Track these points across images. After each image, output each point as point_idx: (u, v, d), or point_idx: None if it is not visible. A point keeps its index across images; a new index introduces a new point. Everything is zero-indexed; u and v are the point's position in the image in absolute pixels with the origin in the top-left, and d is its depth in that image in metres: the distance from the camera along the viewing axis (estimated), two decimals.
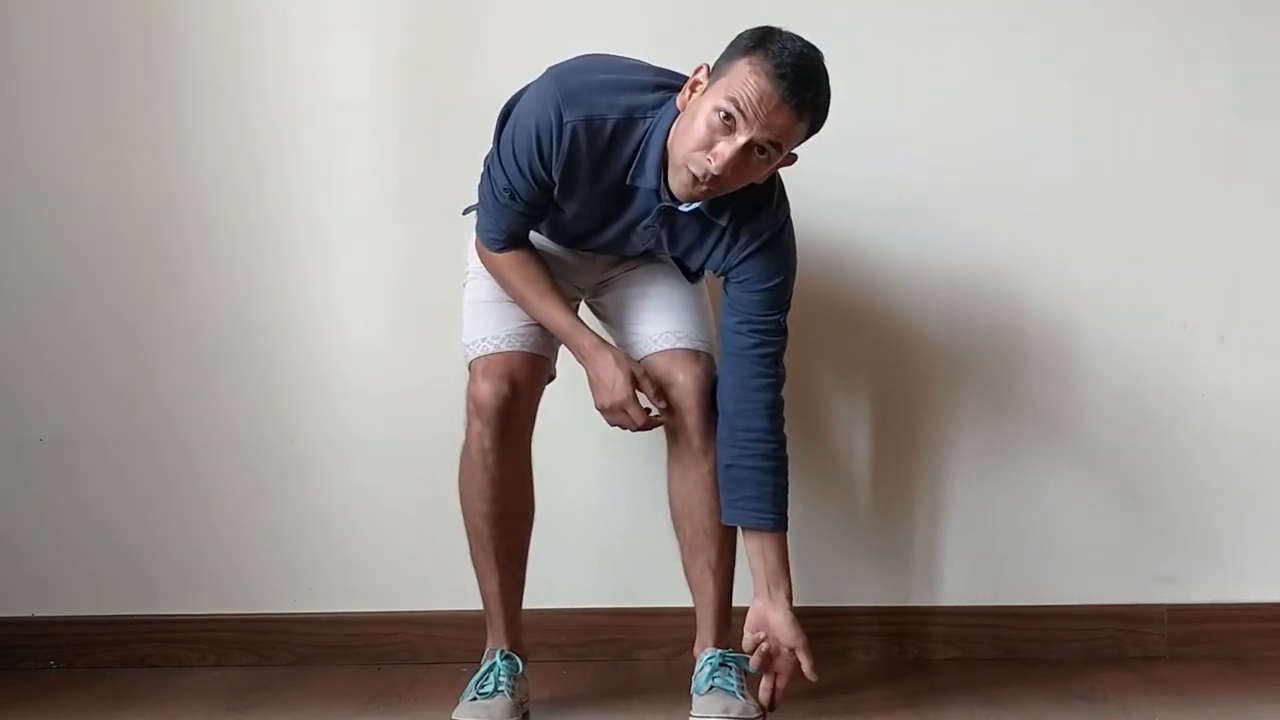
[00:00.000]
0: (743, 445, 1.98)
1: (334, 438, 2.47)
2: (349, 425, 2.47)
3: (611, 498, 2.46)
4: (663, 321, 2.07)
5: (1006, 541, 2.46)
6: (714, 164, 1.78)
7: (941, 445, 2.47)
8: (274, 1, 2.48)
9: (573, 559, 2.43)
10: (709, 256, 1.98)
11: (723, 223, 1.93)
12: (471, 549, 2.06)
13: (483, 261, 2.06)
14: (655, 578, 2.36)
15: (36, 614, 2.46)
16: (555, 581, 2.38)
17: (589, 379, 2.00)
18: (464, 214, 2.13)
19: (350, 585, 2.47)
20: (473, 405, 1.99)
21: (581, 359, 2.00)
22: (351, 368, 2.48)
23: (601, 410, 1.99)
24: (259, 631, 2.45)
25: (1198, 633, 2.43)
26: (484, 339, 2.03)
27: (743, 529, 2.02)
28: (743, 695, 1.98)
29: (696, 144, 1.79)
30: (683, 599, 2.12)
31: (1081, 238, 2.47)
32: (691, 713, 1.99)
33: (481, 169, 2.00)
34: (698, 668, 2.04)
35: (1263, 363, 2.46)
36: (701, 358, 2.04)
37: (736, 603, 2.09)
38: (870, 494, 2.48)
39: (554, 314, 1.99)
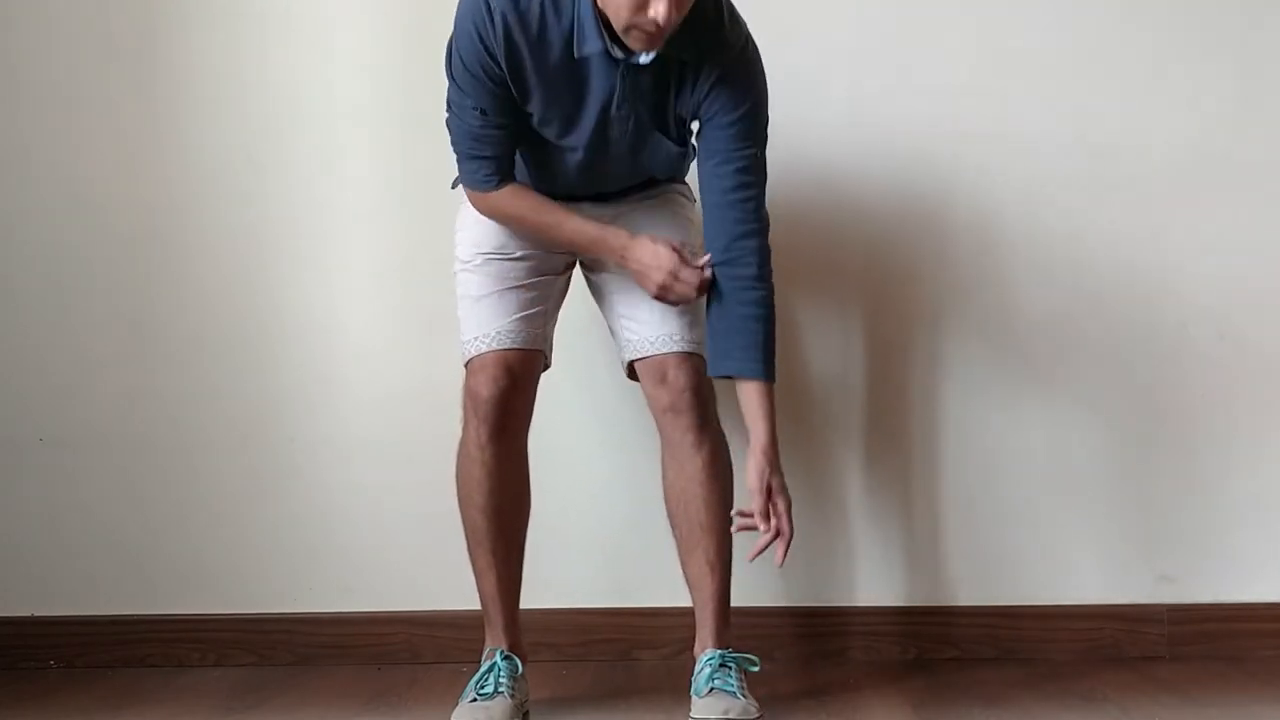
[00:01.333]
0: (732, 293, 1.97)
1: (334, 438, 2.47)
2: (349, 425, 2.47)
3: (609, 497, 2.46)
4: (656, 324, 2.06)
5: (1007, 541, 2.46)
6: (660, 16, 1.78)
7: (940, 445, 2.47)
8: (275, 1, 2.48)
9: (571, 559, 2.43)
10: (678, 98, 1.97)
11: (685, 58, 1.93)
12: (469, 545, 2.07)
13: (486, 213, 2.05)
14: (654, 577, 2.36)
15: (36, 614, 2.47)
16: (553, 581, 2.38)
17: (636, 274, 1.99)
18: (453, 187, 2.12)
19: (350, 585, 2.47)
20: (469, 402, 2.01)
21: (621, 259, 2.00)
22: (351, 368, 2.48)
23: (660, 290, 1.97)
24: (259, 631, 2.45)
25: (1198, 633, 2.42)
26: (478, 337, 2.03)
27: (734, 380, 2.00)
28: (743, 695, 1.97)
29: (630, 7, 1.79)
30: (681, 599, 2.12)
31: (1082, 237, 2.47)
32: (691, 713, 1.98)
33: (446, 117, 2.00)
34: (697, 668, 2.03)
35: (1263, 363, 2.46)
36: (692, 358, 2.04)
37: (735, 602, 2.09)
38: (870, 494, 2.48)
39: (578, 226, 2.00)
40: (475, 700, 1.98)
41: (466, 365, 2.04)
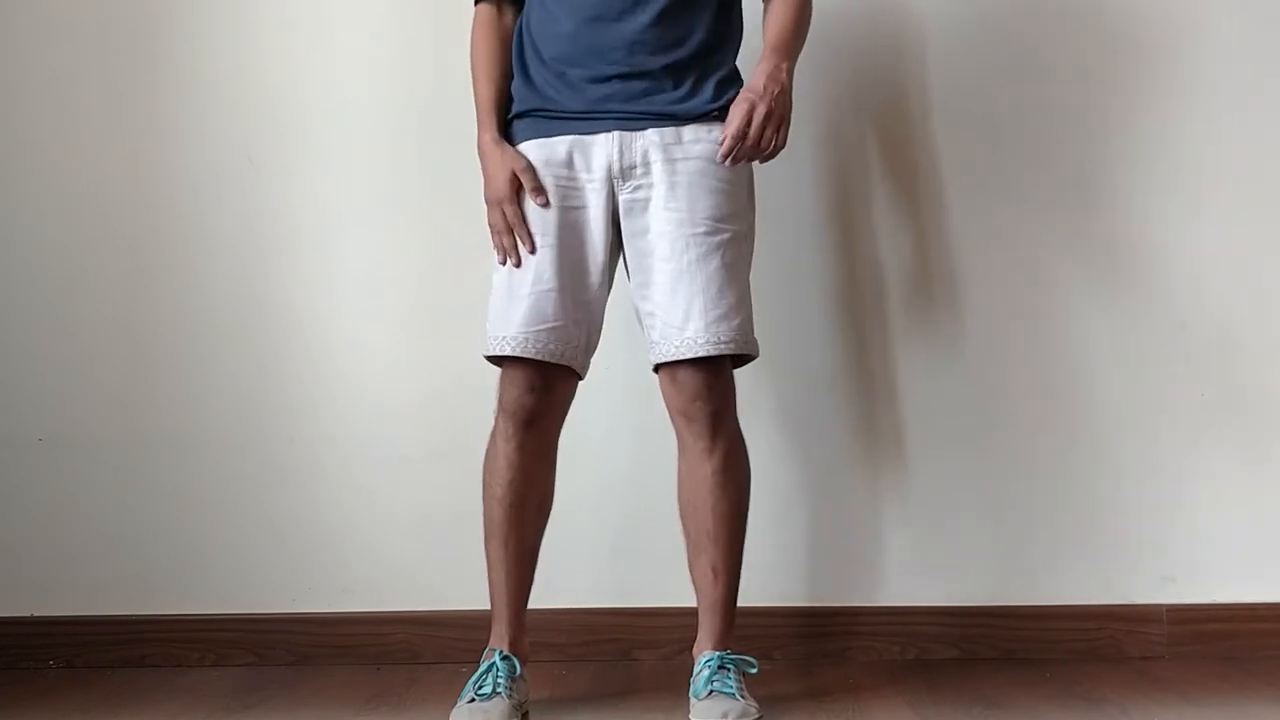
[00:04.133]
0: None
1: (334, 438, 2.47)
2: (349, 425, 2.47)
3: (611, 497, 2.45)
4: (677, 326, 1.99)
5: (1006, 541, 2.46)
6: None
7: (941, 446, 2.46)
8: (275, 1, 2.48)
9: (572, 559, 2.42)
10: None
11: None
12: (485, 535, 2.08)
13: (471, 43, 2.12)
14: (654, 578, 2.36)
15: (36, 614, 2.46)
16: (554, 581, 2.36)
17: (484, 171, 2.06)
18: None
19: (350, 585, 2.47)
20: (500, 402, 2.04)
21: (480, 153, 2.07)
22: (351, 368, 2.48)
23: (487, 204, 2.05)
24: (258, 631, 2.44)
25: (1198, 633, 2.42)
26: (503, 337, 2.02)
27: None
28: (742, 697, 1.97)
29: None
30: (682, 599, 2.13)
31: (1082, 237, 2.47)
32: (691, 716, 1.98)
33: None
34: (696, 670, 2.03)
35: (1263, 363, 2.46)
36: (709, 362, 1.99)
37: (740, 603, 2.09)
38: (870, 495, 2.47)
39: (480, 94, 2.09)
40: (473, 701, 1.98)
41: (500, 365, 2.05)
